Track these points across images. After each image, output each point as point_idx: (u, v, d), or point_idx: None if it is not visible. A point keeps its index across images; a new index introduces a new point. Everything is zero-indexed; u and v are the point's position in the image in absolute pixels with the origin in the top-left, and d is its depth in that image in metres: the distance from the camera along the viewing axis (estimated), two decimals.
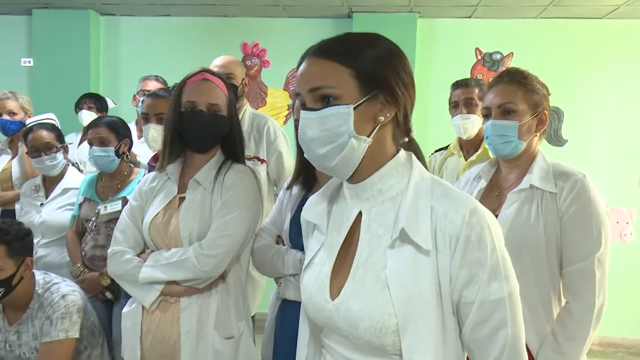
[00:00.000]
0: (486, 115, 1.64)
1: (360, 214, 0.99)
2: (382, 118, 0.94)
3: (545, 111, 1.60)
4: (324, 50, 0.94)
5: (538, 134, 1.61)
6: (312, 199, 1.10)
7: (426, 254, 0.90)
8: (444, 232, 0.89)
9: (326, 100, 0.92)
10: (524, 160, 1.61)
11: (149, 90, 3.15)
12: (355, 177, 0.97)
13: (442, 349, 0.90)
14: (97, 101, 3.36)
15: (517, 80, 1.58)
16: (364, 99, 0.92)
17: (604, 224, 1.51)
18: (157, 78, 3.45)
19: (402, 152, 0.99)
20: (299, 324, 1.12)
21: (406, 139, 1.02)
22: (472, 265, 0.88)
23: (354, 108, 0.91)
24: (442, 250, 0.89)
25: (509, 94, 1.57)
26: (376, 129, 0.94)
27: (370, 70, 0.92)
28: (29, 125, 2.73)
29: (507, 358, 0.90)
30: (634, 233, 4.12)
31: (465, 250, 0.88)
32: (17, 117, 3.01)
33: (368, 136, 0.93)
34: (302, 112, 0.95)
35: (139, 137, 3.05)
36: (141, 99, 3.14)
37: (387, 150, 0.97)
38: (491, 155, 1.71)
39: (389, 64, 0.94)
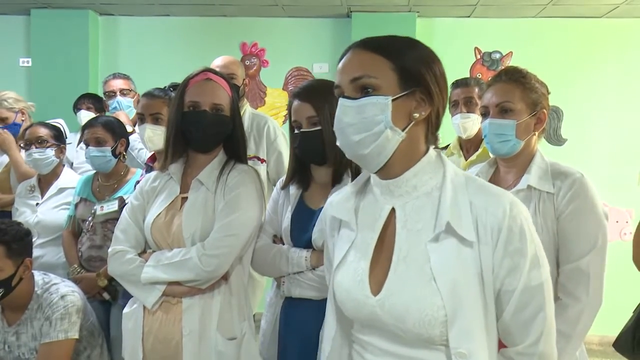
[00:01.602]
0: (484, 114, 1.63)
1: (392, 210, 1.02)
2: (417, 115, 0.97)
3: (544, 110, 1.60)
4: (368, 44, 0.99)
5: (537, 133, 1.60)
6: (339, 196, 1.12)
7: (469, 246, 0.94)
8: (486, 224, 0.94)
9: (365, 91, 0.96)
10: (523, 160, 1.60)
11: (113, 92, 3.12)
12: (386, 173, 1.00)
13: (485, 337, 0.95)
14: (96, 101, 3.34)
15: (515, 79, 1.58)
16: (403, 93, 0.96)
17: (602, 223, 1.51)
18: (125, 76, 3.25)
19: (432, 150, 1.03)
20: (326, 319, 1.13)
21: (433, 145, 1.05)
22: (515, 255, 0.94)
23: (392, 100, 0.95)
24: (484, 242, 0.94)
25: (507, 92, 1.57)
26: (410, 125, 0.97)
27: (411, 67, 0.97)
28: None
29: (545, 337, 0.97)
30: (633, 232, 4.12)
31: (507, 241, 0.94)
32: (9, 121, 2.92)
33: (402, 130, 0.96)
34: (340, 99, 0.99)
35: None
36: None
37: (419, 148, 1.01)
38: (491, 155, 1.71)
39: (428, 65, 0.99)
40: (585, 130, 4.07)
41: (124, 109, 3.11)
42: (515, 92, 1.56)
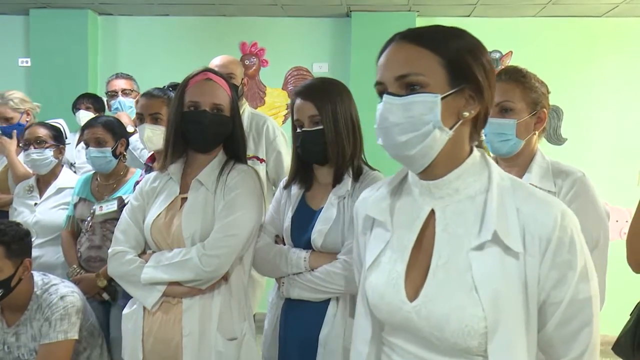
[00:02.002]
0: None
1: (431, 212, 0.97)
2: (466, 114, 0.92)
3: (544, 109, 1.59)
4: (414, 36, 0.93)
5: (537, 132, 1.60)
6: (373, 194, 1.07)
7: (515, 256, 0.89)
8: (533, 233, 0.89)
9: (412, 88, 0.90)
10: (523, 159, 1.60)
11: (115, 92, 3.11)
12: (429, 173, 0.95)
13: (526, 350, 0.90)
14: (94, 101, 3.33)
15: (515, 78, 1.57)
16: (452, 91, 0.90)
17: (604, 222, 1.50)
18: (128, 76, 3.26)
19: (477, 151, 0.98)
20: (356, 320, 1.09)
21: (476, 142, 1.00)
22: (563, 267, 0.89)
23: (441, 99, 0.89)
24: (530, 252, 0.89)
25: (507, 92, 1.56)
26: (458, 124, 0.92)
27: (460, 61, 0.91)
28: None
29: (590, 353, 0.92)
30: None
31: (556, 252, 0.89)
32: (13, 121, 2.92)
33: (450, 129, 0.91)
34: (385, 96, 0.92)
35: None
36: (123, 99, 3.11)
37: (464, 148, 0.96)
38: (491, 154, 1.70)
39: (477, 59, 0.93)
40: (585, 129, 4.06)
41: (126, 110, 3.10)
42: (516, 91, 1.56)
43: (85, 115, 3.22)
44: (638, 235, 1.50)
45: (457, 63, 0.91)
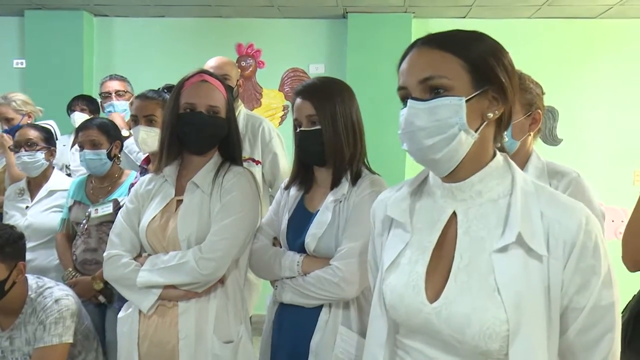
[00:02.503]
0: None
1: (453, 214, 0.97)
2: (490, 115, 0.92)
3: (539, 110, 1.60)
4: (436, 41, 0.93)
5: (532, 133, 1.60)
6: (394, 194, 1.07)
7: (539, 259, 0.89)
8: (558, 238, 0.89)
9: (436, 92, 0.91)
10: (519, 160, 1.60)
11: (108, 93, 3.10)
12: (452, 176, 0.95)
13: (547, 354, 0.89)
14: (89, 103, 3.32)
15: None
16: (476, 93, 0.91)
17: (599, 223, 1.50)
18: (122, 77, 3.23)
19: (499, 155, 0.98)
20: (371, 322, 1.08)
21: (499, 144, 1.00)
22: (586, 272, 0.88)
23: (466, 101, 0.90)
24: (554, 256, 0.89)
25: None
26: (483, 126, 0.92)
27: (483, 64, 0.91)
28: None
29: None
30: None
31: (580, 256, 0.88)
32: (14, 122, 2.94)
33: (475, 132, 0.91)
34: (409, 101, 0.92)
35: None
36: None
37: (488, 151, 0.96)
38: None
39: (499, 60, 0.93)
40: (581, 130, 4.08)
41: (119, 112, 3.08)
42: None
43: (80, 117, 3.20)
44: (635, 234, 1.50)
45: (479, 65, 0.91)
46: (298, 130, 1.59)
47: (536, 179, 1.52)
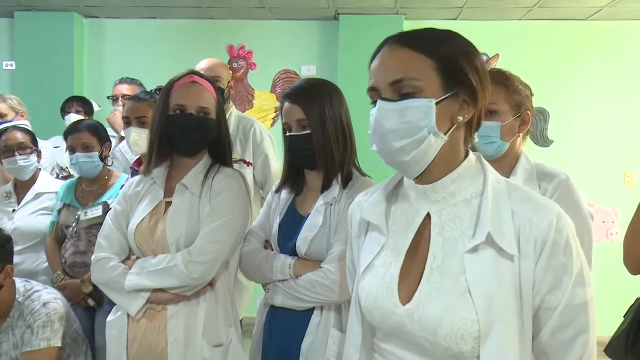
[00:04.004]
0: None
1: (427, 216, 0.96)
2: (460, 118, 0.91)
3: (528, 112, 1.60)
4: (408, 40, 0.92)
5: (521, 134, 1.61)
6: (369, 198, 1.06)
7: (510, 259, 0.88)
8: (529, 237, 0.88)
9: (406, 94, 0.90)
10: (508, 162, 1.60)
11: (115, 96, 3.06)
12: (424, 178, 0.95)
13: (519, 356, 0.88)
14: (84, 104, 3.29)
15: (499, 81, 1.58)
16: (447, 96, 0.90)
17: (588, 225, 1.51)
18: (133, 81, 3.23)
19: (472, 155, 0.97)
20: (349, 326, 1.08)
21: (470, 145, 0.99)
22: (558, 271, 0.88)
23: (436, 104, 0.89)
24: (525, 255, 0.88)
25: (491, 95, 1.56)
26: (453, 129, 0.91)
27: (454, 65, 0.90)
28: (1, 127, 2.66)
29: None
30: (620, 232, 4.16)
31: (551, 255, 0.87)
32: (7, 119, 2.97)
33: (445, 135, 0.90)
34: (379, 102, 0.91)
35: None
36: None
37: (459, 152, 0.95)
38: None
39: (471, 62, 0.92)
40: (572, 131, 4.10)
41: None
42: (500, 94, 1.56)
43: (76, 119, 3.17)
44: (636, 238, 1.50)
45: (451, 67, 0.90)
46: (288, 134, 1.58)
47: (525, 181, 1.54)
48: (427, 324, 0.89)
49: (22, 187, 2.53)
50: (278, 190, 1.71)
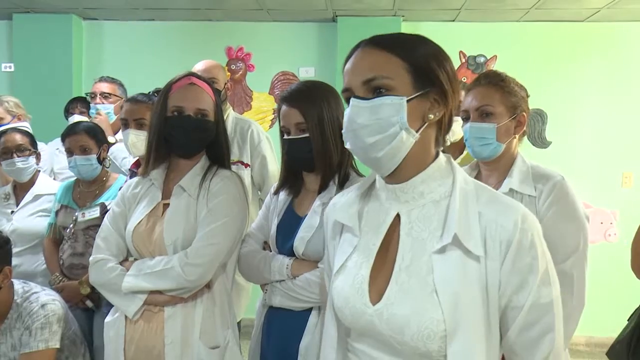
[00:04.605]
0: (465, 118, 1.64)
1: (397, 216, 0.98)
2: (431, 116, 0.94)
3: (524, 113, 1.61)
4: (379, 42, 0.95)
5: (517, 136, 1.61)
6: (343, 200, 1.08)
7: (476, 260, 0.90)
8: (494, 238, 0.90)
9: (378, 92, 0.92)
10: (504, 163, 1.61)
11: (93, 94, 3.02)
12: (395, 177, 0.97)
13: (486, 356, 0.90)
14: (88, 105, 3.28)
15: (495, 82, 1.59)
16: (418, 94, 0.92)
17: (583, 226, 1.51)
18: (113, 80, 3.15)
19: (442, 155, 0.99)
20: (325, 326, 1.10)
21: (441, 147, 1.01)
22: (524, 271, 0.89)
23: (407, 101, 0.91)
24: (491, 256, 0.90)
25: (487, 96, 1.57)
26: (424, 127, 0.94)
27: (425, 66, 0.93)
28: (1, 129, 2.66)
29: None
30: (617, 233, 4.16)
31: (517, 255, 0.89)
32: (3, 122, 2.95)
33: (416, 132, 0.93)
34: (352, 99, 0.94)
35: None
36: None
37: (430, 152, 0.97)
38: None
39: (441, 64, 0.95)
40: (570, 132, 4.11)
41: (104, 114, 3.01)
42: (495, 95, 1.57)
43: (80, 120, 3.16)
44: None
45: (421, 68, 0.93)
46: (286, 137, 1.59)
47: (521, 183, 1.55)
48: (395, 324, 0.91)
49: (21, 189, 2.53)
50: (276, 192, 1.71)
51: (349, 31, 4.11)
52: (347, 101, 0.96)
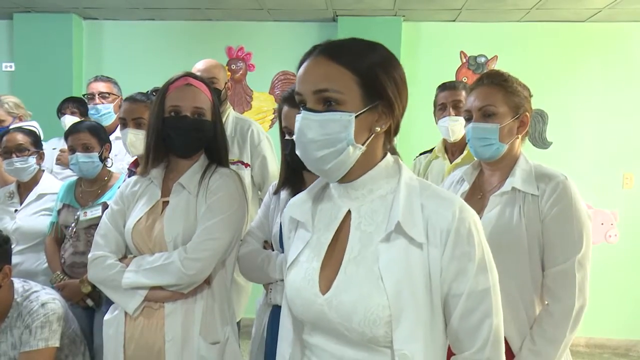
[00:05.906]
0: (468, 119, 1.63)
1: (349, 212, 1.02)
2: (378, 129, 0.98)
3: (527, 113, 1.60)
4: (333, 53, 0.97)
5: (520, 136, 1.61)
6: (298, 197, 1.12)
7: (419, 247, 0.94)
8: (435, 226, 0.95)
9: (328, 104, 0.95)
10: (506, 163, 1.60)
11: (92, 94, 3.03)
12: (345, 179, 1.01)
13: (430, 340, 0.94)
14: (80, 105, 3.28)
15: (497, 82, 1.58)
16: (366, 109, 0.95)
17: (585, 226, 1.51)
18: (108, 79, 3.14)
19: (389, 156, 1.04)
20: (281, 321, 1.13)
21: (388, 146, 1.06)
22: (462, 259, 0.94)
23: (356, 117, 0.94)
24: (433, 244, 0.94)
25: (489, 96, 1.57)
26: (371, 138, 0.97)
27: (374, 79, 0.96)
28: (11, 128, 2.67)
29: (492, 345, 0.96)
30: (618, 234, 4.16)
31: (455, 243, 0.94)
32: (4, 124, 2.94)
33: (363, 144, 0.97)
34: (303, 111, 0.96)
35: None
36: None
37: (377, 155, 1.02)
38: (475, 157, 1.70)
39: (390, 75, 0.98)
40: (570, 133, 4.11)
41: (103, 116, 2.99)
42: (498, 95, 1.56)
43: (70, 120, 3.17)
44: None
45: (370, 80, 0.95)
46: (288, 138, 1.59)
47: (523, 182, 1.54)
48: (343, 311, 0.95)
49: (24, 188, 2.53)
50: (276, 192, 1.71)
51: (349, 31, 4.08)
52: (300, 103, 0.99)
